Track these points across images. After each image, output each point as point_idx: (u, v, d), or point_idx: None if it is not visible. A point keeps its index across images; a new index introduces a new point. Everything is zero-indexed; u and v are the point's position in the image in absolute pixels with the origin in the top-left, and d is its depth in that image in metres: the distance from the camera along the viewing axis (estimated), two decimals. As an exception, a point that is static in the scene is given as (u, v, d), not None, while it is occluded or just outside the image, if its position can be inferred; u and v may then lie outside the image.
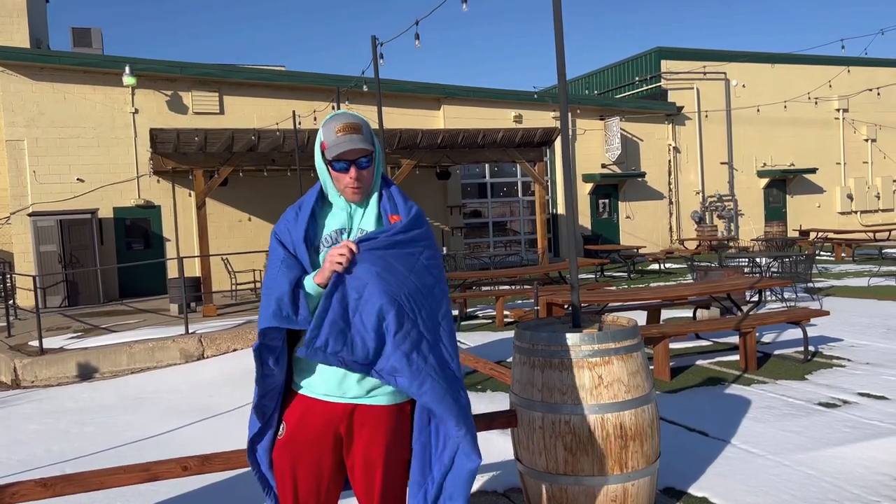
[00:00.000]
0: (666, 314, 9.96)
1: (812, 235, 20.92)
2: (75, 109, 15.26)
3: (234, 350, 8.95)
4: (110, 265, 15.08)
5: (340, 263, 2.16)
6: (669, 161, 22.09)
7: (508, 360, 7.36)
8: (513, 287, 12.31)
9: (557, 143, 19.03)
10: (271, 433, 2.39)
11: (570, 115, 20.50)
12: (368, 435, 2.24)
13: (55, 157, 15.09)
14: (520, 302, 12.55)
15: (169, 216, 16.08)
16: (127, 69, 15.00)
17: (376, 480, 2.27)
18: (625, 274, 16.33)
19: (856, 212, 24.83)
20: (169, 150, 12.40)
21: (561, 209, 20.66)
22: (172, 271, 15.10)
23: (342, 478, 2.37)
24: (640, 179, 21.52)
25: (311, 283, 2.21)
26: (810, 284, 11.76)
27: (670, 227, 22.18)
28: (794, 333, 8.09)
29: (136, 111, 15.72)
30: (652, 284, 13.44)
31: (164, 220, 16.05)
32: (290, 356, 2.33)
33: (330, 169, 2.28)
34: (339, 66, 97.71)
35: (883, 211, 25.29)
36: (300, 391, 2.28)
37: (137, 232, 15.89)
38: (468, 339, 8.80)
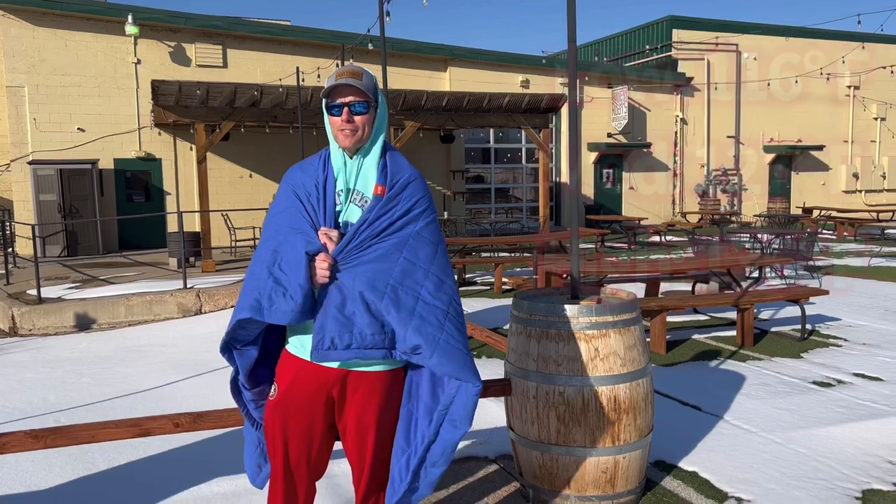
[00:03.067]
0: (665, 287, 9.94)
1: (815, 213, 20.83)
2: (77, 57, 15.03)
3: (232, 306, 8.96)
4: (110, 217, 15.03)
5: (325, 278, 2.13)
6: (676, 133, 21.88)
7: (505, 328, 7.36)
8: (512, 255, 12.29)
9: (564, 111, 18.80)
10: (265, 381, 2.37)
11: (577, 82, 20.20)
12: (362, 400, 2.23)
13: (56, 105, 14.91)
14: (518, 270, 12.53)
15: (170, 169, 15.96)
16: (130, 18, 14.75)
17: (369, 444, 2.27)
18: (625, 245, 16.29)
19: (860, 191, 24.68)
20: (171, 103, 12.23)
21: (564, 177, 20.52)
22: (172, 225, 15.05)
23: (333, 439, 2.37)
24: (645, 150, 21.34)
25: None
26: (811, 262, 11.74)
27: (673, 200, 22.07)
28: (792, 311, 8.08)
29: (139, 61, 15.49)
30: (652, 257, 13.42)
31: (165, 174, 15.93)
32: None
33: (329, 116, 2.24)
34: (345, 24, 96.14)
35: (888, 191, 25.13)
36: (292, 351, 2.25)
37: (138, 184, 15.79)
38: (466, 305, 8.80)
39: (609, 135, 20.86)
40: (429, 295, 2.17)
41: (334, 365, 2.19)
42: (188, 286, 9.16)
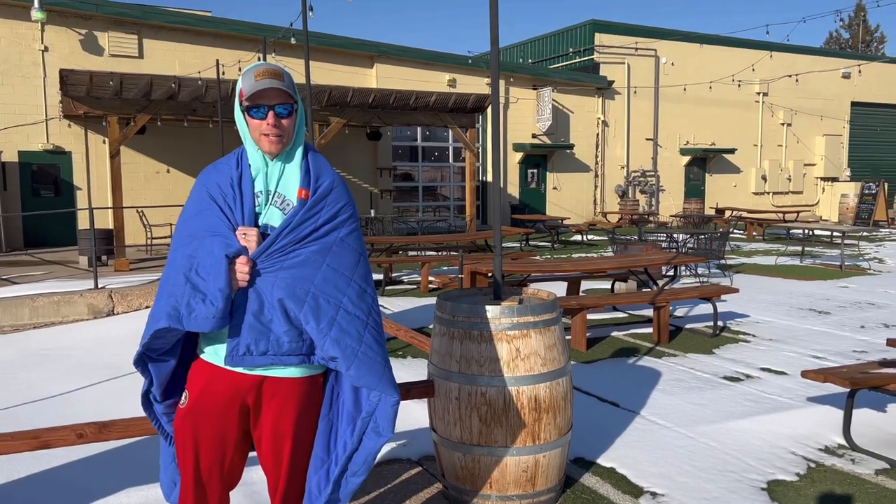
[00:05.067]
0: (585, 285, 10.18)
1: (727, 214, 21.80)
2: (-24, 42, 14.12)
3: (147, 307, 8.60)
4: (14, 212, 14.19)
5: (245, 281, 2.06)
6: (597, 134, 22.44)
7: (431, 327, 7.36)
8: (439, 253, 12.31)
9: (490, 111, 18.95)
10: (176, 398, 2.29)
11: (503, 83, 20.44)
12: (278, 407, 2.17)
13: (-47, 94, 13.97)
14: (445, 268, 12.57)
15: (80, 163, 15.21)
16: (36, 3, 13.93)
17: (285, 453, 2.21)
18: (549, 244, 16.59)
19: (768, 193, 25.98)
20: (81, 94, 11.65)
21: (491, 177, 20.71)
22: (83, 222, 14.35)
23: (247, 448, 2.29)
24: (568, 151, 21.80)
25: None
26: (723, 261, 12.26)
27: (595, 200, 22.63)
28: (706, 308, 8.41)
29: (46, 49, 14.68)
30: (574, 256, 13.73)
31: (76, 168, 15.17)
32: None
33: (247, 117, 2.14)
34: (268, 17, 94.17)
35: (793, 193, 26.56)
36: (205, 357, 2.17)
37: (46, 178, 14.97)
38: (392, 305, 8.76)
39: (534, 135, 21.20)
40: (350, 304, 2.13)
41: (249, 371, 2.12)
42: (99, 286, 8.74)
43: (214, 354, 2.14)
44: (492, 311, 3.23)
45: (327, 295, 2.09)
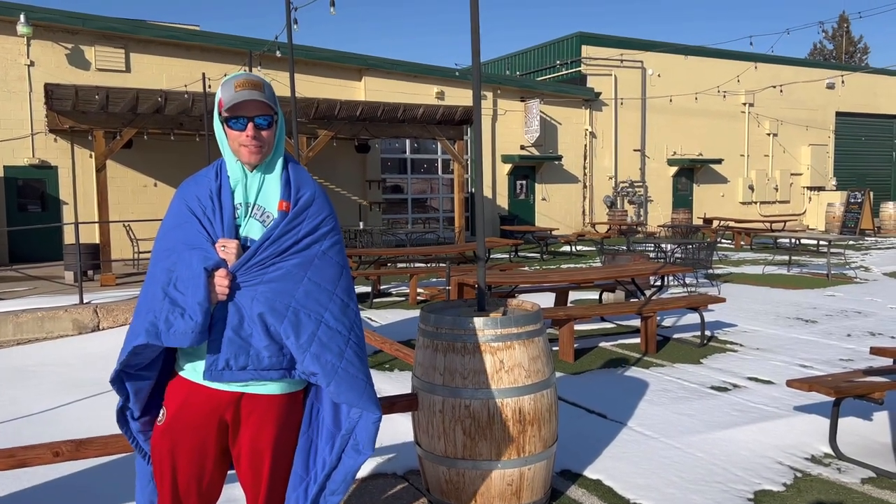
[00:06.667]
0: (573, 296, 10.18)
1: (715, 223, 21.91)
2: (-39, 57, 14.04)
3: (133, 322, 8.53)
4: (-1, 228, 14.08)
5: (225, 294, 2.04)
6: (585, 146, 22.55)
7: (418, 339, 7.33)
8: (428, 265, 12.30)
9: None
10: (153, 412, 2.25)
11: (491, 95, 20.53)
12: (257, 424, 2.14)
13: (-63, 109, 13.87)
14: (434, 280, 12.55)
15: (67, 178, 15.12)
16: (22, 18, 13.90)
17: (264, 470, 2.18)
18: (538, 255, 16.61)
19: (756, 202, 26.14)
20: (67, 108, 11.60)
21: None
22: (69, 237, 14.25)
23: (226, 466, 2.26)
24: (556, 162, 21.89)
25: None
26: (710, 271, 12.30)
27: (583, 211, 22.70)
28: (693, 318, 8.43)
29: (32, 63, 14.62)
30: (563, 266, 13.74)
31: (62, 182, 15.07)
32: None
33: (226, 128, 2.12)
34: (256, 32, 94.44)
35: (780, 202, 26.74)
36: (183, 374, 2.14)
37: (32, 193, 14.86)
38: (380, 317, 8.72)
39: (522, 147, 21.27)
40: (332, 318, 2.11)
41: (228, 387, 2.09)
42: (85, 301, 8.66)
43: (193, 371, 2.12)
44: (475, 322, 3.22)
45: (308, 309, 2.07)
